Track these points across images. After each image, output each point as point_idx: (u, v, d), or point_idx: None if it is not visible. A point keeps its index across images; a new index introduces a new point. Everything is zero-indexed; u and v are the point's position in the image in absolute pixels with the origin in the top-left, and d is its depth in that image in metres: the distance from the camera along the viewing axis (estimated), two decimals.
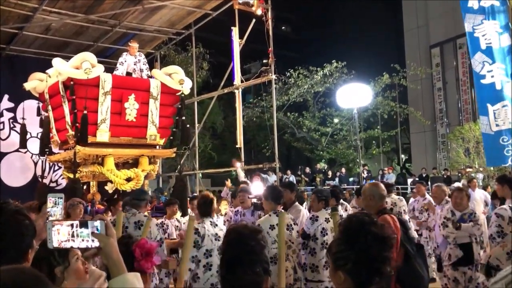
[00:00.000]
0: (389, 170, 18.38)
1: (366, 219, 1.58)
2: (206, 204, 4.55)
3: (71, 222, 1.36)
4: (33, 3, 9.66)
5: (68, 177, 8.74)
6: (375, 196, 3.54)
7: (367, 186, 3.78)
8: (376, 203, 3.51)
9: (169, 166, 18.14)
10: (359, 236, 1.51)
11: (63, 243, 1.36)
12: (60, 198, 2.19)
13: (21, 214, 1.66)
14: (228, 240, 1.90)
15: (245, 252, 1.81)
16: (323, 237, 4.75)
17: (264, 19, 9.91)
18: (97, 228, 1.37)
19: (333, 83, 19.26)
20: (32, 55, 12.07)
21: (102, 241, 1.38)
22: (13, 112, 12.07)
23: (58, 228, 1.36)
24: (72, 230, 1.36)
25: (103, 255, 1.40)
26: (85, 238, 1.37)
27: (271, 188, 5.29)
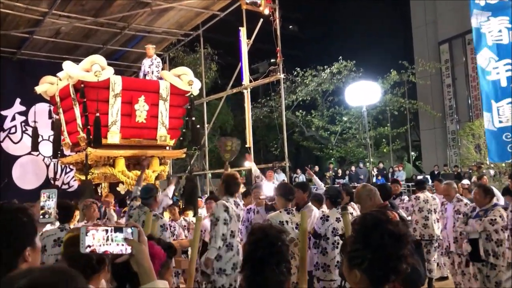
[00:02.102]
0: (400, 167, 18.29)
1: (381, 217, 1.57)
2: (234, 183, 4.64)
3: (106, 228, 1.38)
4: (43, 7, 9.76)
5: (80, 179, 8.82)
6: (369, 195, 3.66)
7: (359, 190, 3.87)
8: (373, 202, 3.60)
9: (179, 166, 18.22)
10: (375, 234, 1.50)
11: (97, 247, 1.38)
12: (53, 193, 2.21)
13: (21, 212, 1.62)
14: (255, 240, 1.90)
15: (273, 252, 1.82)
16: (334, 236, 4.75)
17: (271, 18, 9.92)
18: (131, 234, 1.38)
19: (342, 81, 19.21)
20: (43, 59, 12.18)
21: (135, 247, 1.39)
22: (25, 116, 12.21)
23: (93, 233, 1.37)
24: (107, 235, 1.38)
25: (134, 261, 1.40)
26: (119, 243, 1.38)
27: (282, 184, 5.33)
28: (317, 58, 22.48)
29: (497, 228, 4.99)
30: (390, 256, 1.49)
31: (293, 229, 4.58)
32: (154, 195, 5.01)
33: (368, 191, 3.77)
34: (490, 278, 4.97)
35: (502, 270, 4.95)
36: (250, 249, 1.89)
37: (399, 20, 29.51)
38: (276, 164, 11.01)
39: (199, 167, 15.10)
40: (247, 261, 1.87)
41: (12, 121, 12.19)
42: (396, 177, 16.23)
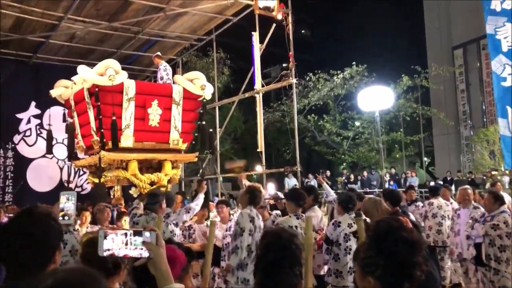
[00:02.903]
0: (413, 173, 18.15)
1: (394, 224, 1.56)
2: (258, 195, 4.72)
3: (125, 231, 1.40)
4: (59, 12, 9.90)
5: (93, 182, 8.90)
6: (375, 206, 3.68)
7: (365, 203, 3.92)
8: (381, 212, 3.62)
9: (191, 170, 18.29)
10: (388, 241, 1.49)
11: (116, 251, 1.39)
12: (72, 195, 2.24)
13: (50, 217, 1.69)
14: (268, 243, 1.89)
15: (287, 255, 1.82)
16: (346, 242, 4.72)
17: (284, 23, 9.93)
18: (149, 238, 1.39)
19: (354, 86, 19.15)
20: (58, 63, 12.36)
21: (153, 251, 1.40)
22: (39, 119, 12.38)
23: (112, 237, 1.39)
24: (126, 239, 1.39)
25: (152, 265, 1.41)
26: (138, 246, 1.39)
27: (293, 189, 5.33)
28: (329, 63, 22.44)
29: (501, 233, 4.98)
30: (404, 263, 1.47)
31: (302, 234, 4.59)
32: (160, 201, 5.06)
33: (373, 203, 3.84)
34: (494, 283, 4.95)
35: (506, 275, 4.93)
36: (263, 253, 1.88)
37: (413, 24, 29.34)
38: (288, 168, 10.99)
39: (211, 171, 15.14)
40: (260, 265, 1.87)
41: (27, 124, 12.37)
42: (409, 183, 16.14)
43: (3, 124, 11.33)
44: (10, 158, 11.98)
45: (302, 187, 7.50)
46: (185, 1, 9.91)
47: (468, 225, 5.15)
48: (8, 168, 11.92)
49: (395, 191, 5.62)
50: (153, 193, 5.29)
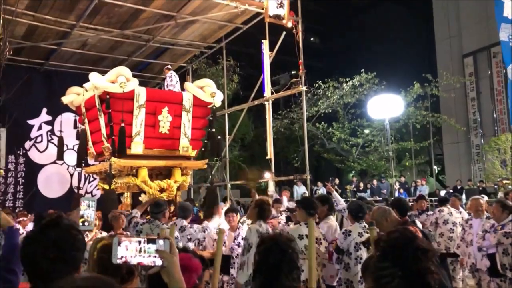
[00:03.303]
0: (423, 181, 18.01)
1: (408, 234, 1.56)
2: (267, 209, 4.69)
3: (139, 239, 1.40)
4: (71, 20, 10.01)
5: (103, 188, 8.93)
6: (384, 216, 3.66)
7: (374, 213, 3.90)
8: (390, 222, 3.61)
9: (199, 177, 18.32)
10: (405, 250, 1.49)
11: (130, 258, 1.39)
12: (93, 201, 2.26)
13: (75, 228, 1.71)
14: (266, 248, 1.91)
15: (285, 259, 1.83)
16: (357, 252, 4.69)
17: (294, 31, 9.96)
18: (163, 246, 1.40)
19: (364, 94, 19.10)
20: (69, 70, 12.47)
21: (167, 259, 1.40)
22: (50, 125, 12.48)
23: (126, 245, 1.40)
24: (140, 246, 1.40)
25: (165, 273, 1.42)
26: (152, 254, 1.40)
27: (305, 198, 5.31)
28: (339, 70, 22.45)
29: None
30: (421, 271, 1.46)
31: None
32: (164, 211, 5.12)
33: (382, 213, 3.83)
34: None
35: None
36: (261, 258, 1.91)
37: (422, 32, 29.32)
38: (297, 176, 10.96)
39: (220, 178, 15.15)
40: (259, 270, 1.89)
41: (38, 130, 12.47)
42: (419, 192, 16.03)
43: (15, 130, 11.43)
44: (21, 164, 12.07)
45: (317, 196, 7.47)
46: (196, 9, 9.98)
47: (479, 236, 5.09)
48: (19, 174, 12.01)
49: (403, 200, 5.59)
50: (157, 203, 5.34)
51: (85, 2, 9.29)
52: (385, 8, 32.50)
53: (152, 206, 5.27)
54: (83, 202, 2.20)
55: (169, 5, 9.72)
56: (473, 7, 21.86)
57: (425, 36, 28.46)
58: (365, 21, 32.73)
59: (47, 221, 1.71)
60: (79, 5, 9.39)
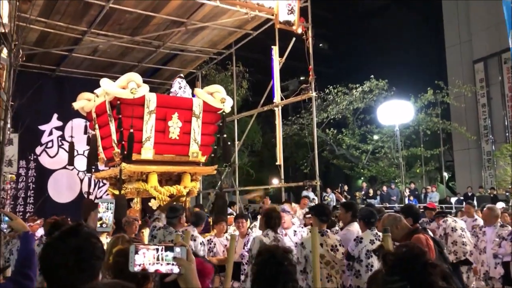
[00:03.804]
0: (433, 188, 17.86)
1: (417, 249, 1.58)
2: (275, 217, 4.64)
3: (157, 246, 1.40)
4: (82, 26, 10.11)
5: (113, 194, 8.95)
6: (395, 223, 3.64)
7: (384, 220, 3.88)
8: (400, 229, 3.57)
9: (208, 183, 18.34)
10: (414, 265, 1.49)
11: (148, 266, 1.39)
12: (111, 203, 2.27)
13: (94, 236, 1.71)
14: (262, 261, 1.92)
15: (280, 272, 1.84)
16: (368, 259, 4.64)
17: (304, 37, 9.96)
18: (180, 254, 1.40)
19: (373, 100, 19.03)
20: (80, 76, 12.57)
21: (184, 266, 1.40)
22: (61, 131, 12.58)
23: (144, 252, 1.39)
24: (158, 254, 1.39)
25: (182, 280, 1.41)
26: (169, 262, 1.39)
27: (318, 205, 5.28)
28: (348, 76, 22.41)
29: None
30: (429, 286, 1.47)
31: (328, 251, 4.52)
32: (179, 215, 5.08)
33: (392, 220, 3.81)
34: None
35: None
36: (258, 270, 1.92)
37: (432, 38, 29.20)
38: (307, 182, 10.92)
39: (228, 184, 15.16)
40: (256, 281, 1.90)
41: (49, 135, 12.58)
42: (429, 199, 15.90)
43: (26, 135, 11.53)
44: (32, 169, 12.17)
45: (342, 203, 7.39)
46: (206, 15, 10.03)
47: (495, 243, 5.02)
48: (30, 179, 12.10)
49: (415, 207, 5.54)
50: (173, 207, 5.32)
51: (96, 9, 9.38)
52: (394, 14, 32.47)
53: (168, 211, 5.24)
54: (101, 205, 2.22)
55: (180, 11, 9.78)
56: (483, 12, 21.75)
57: (434, 42, 28.35)
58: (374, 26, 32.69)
59: (67, 229, 1.71)
60: (90, 12, 9.49)
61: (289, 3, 8.90)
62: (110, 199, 2.25)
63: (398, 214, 4.25)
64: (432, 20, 28.71)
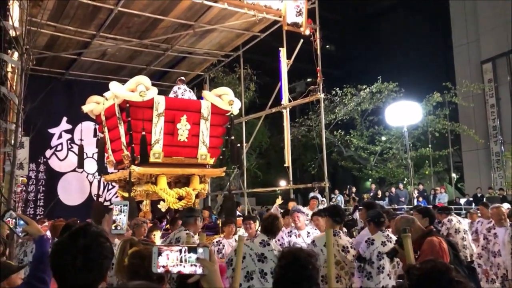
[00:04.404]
0: (442, 189, 17.75)
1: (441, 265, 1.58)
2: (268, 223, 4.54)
3: (180, 248, 1.41)
4: (91, 30, 10.18)
5: (123, 196, 9.00)
6: (408, 225, 3.62)
7: (397, 222, 3.85)
8: (415, 231, 3.55)
9: (216, 185, 18.36)
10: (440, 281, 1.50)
11: (171, 267, 1.40)
12: (125, 206, 2.28)
13: (103, 236, 1.72)
14: (286, 264, 1.90)
15: (304, 276, 1.82)
16: (379, 261, 4.62)
17: (312, 39, 9.96)
18: (202, 254, 1.40)
19: (382, 101, 18.95)
20: (89, 79, 12.66)
21: (207, 267, 1.40)
22: (70, 134, 12.66)
23: (167, 254, 1.40)
24: (181, 256, 1.40)
25: (205, 281, 1.42)
26: (192, 263, 1.40)
27: (332, 206, 5.25)
28: (356, 78, 22.36)
29: None
30: None
31: (339, 251, 4.49)
32: (196, 216, 5.06)
33: (406, 222, 3.78)
34: None
35: None
36: (281, 273, 1.90)
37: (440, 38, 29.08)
38: (316, 184, 10.91)
39: (236, 186, 15.17)
40: (278, 284, 1.88)
41: (58, 138, 12.66)
42: (438, 200, 15.80)
43: (36, 139, 11.61)
44: (42, 172, 12.25)
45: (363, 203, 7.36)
46: (214, 18, 10.06)
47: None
48: (40, 182, 12.19)
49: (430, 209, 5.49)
50: (190, 208, 5.35)
51: (105, 13, 9.45)
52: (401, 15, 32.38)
53: (184, 210, 5.23)
54: (115, 207, 2.23)
55: (187, 14, 9.82)
56: (491, 12, 21.63)
57: (442, 42, 28.23)
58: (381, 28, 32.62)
59: (76, 229, 1.73)
60: (99, 15, 9.55)
61: (297, 5, 8.90)
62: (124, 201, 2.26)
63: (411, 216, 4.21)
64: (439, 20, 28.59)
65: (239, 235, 6.06)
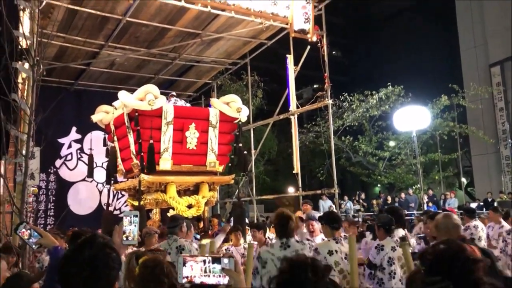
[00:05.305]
0: (452, 194, 17.61)
1: (455, 245, 1.53)
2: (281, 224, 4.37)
3: (204, 258, 1.40)
4: (99, 40, 10.28)
5: (132, 205, 9.03)
6: (449, 226, 3.45)
7: (439, 218, 3.66)
8: (451, 234, 3.40)
9: (224, 192, 18.36)
10: (455, 262, 1.45)
11: (195, 278, 1.40)
12: (135, 216, 2.28)
13: (109, 247, 1.73)
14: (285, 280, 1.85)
15: None
16: (390, 266, 4.59)
17: (319, 45, 9.97)
18: (228, 265, 1.40)
19: (390, 106, 18.88)
20: (98, 89, 12.75)
21: (233, 277, 1.40)
22: (80, 143, 12.75)
23: (191, 264, 1.40)
24: (205, 266, 1.40)
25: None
26: (216, 274, 1.40)
27: (327, 212, 5.20)
28: (363, 83, 22.33)
29: None
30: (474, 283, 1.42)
31: (342, 259, 4.40)
32: (180, 224, 5.04)
33: (446, 223, 3.44)
34: None
35: None
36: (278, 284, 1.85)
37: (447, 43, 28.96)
38: (325, 190, 10.87)
39: (245, 193, 15.14)
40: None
41: (68, 148, 12.75)
42: (448, 205, 15.66)
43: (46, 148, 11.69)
44: (52, 182, 12.34)
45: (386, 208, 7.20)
46: (221, 26, 10.12)
47: None
48: (50, 192, 12.27)
49: None
50: (174, 217, 5.36)
51: (113, 23, 9.54)
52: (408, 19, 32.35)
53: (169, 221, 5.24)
54: (125, 218, 2.24)
55: (195, 23, 9.89)
56: (497, 15, 21.53)
57: (449, 46, 28.10)
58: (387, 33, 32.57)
59: (82, 241, 1.75)
60: (107, 26, 9.65)
61: (305, 12, 8.92)
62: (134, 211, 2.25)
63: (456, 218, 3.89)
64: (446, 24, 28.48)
65: (249, 242, 6.06)
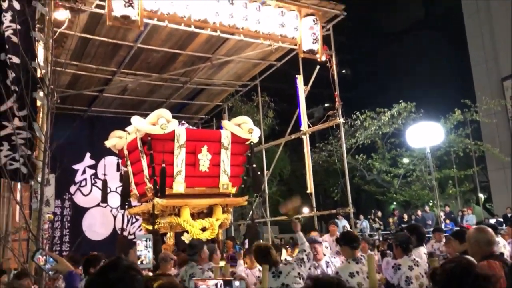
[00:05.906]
0: (469, 210, 17.30)
1: (465, 262, 1.52)
2: (262, 256, 4.49)
3: (216, 281, 1.41)
4: (112, 67, 10.47)
5: (147, 229, 9.03)
6: (480, 242, 3.36)
7: (471, 232, 3.58)
8: (481, 250, 3.32)
9: (238, 214, 18.29)
10: (465, 279, 1.43)
11: None
12: (149, 240, 2.29)
13: (134, 269, 1.74)
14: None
15: None
16: (408, 285, 4.51)
17: (328, 65, 10.02)
18: None
19: (402, 123, 18.76)
20: (110, 115, 12.91)
21: None
22: (94, 169, 12.86)
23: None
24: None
25: None
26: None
27: (344, 233, 5.14)
28: (373, 100, 22.24)
29: None
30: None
31: (364, 279, 4.39)
32: (198, 251, 5.04)
33: (478, 237, 3.32)
34: None
35: None
36: None
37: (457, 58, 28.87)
38: (340, 210, 10.77)
39: (259, 214, 15.07)
40: None
41: (82, 174, 12.87)
42: (466, 222, 15.39)
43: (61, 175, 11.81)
44: (67, 208, 12.43)
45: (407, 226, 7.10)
46: (231, 50, 10.24)
47: None
48: (65, 218, 12.35)
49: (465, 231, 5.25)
50: (191, 244, 5.35)
51: (125, 50, 9.73)
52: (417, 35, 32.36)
53: (187, 248, 5.23)
54: (140, 243, 2.25)
55: (205, 47, 10.03)
56: (508, 28, 21.46)
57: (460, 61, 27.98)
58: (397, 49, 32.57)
59: (107, 263, 1.75)
60: (119, 53, 9.84)
61: (313, 32, 9.00)
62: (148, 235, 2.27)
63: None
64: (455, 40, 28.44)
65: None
